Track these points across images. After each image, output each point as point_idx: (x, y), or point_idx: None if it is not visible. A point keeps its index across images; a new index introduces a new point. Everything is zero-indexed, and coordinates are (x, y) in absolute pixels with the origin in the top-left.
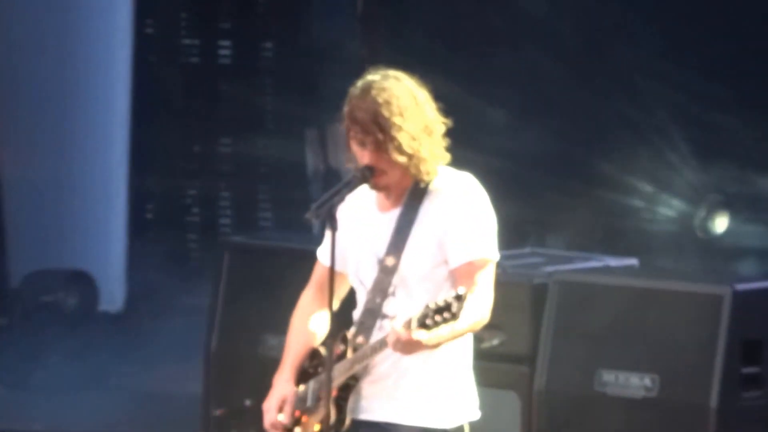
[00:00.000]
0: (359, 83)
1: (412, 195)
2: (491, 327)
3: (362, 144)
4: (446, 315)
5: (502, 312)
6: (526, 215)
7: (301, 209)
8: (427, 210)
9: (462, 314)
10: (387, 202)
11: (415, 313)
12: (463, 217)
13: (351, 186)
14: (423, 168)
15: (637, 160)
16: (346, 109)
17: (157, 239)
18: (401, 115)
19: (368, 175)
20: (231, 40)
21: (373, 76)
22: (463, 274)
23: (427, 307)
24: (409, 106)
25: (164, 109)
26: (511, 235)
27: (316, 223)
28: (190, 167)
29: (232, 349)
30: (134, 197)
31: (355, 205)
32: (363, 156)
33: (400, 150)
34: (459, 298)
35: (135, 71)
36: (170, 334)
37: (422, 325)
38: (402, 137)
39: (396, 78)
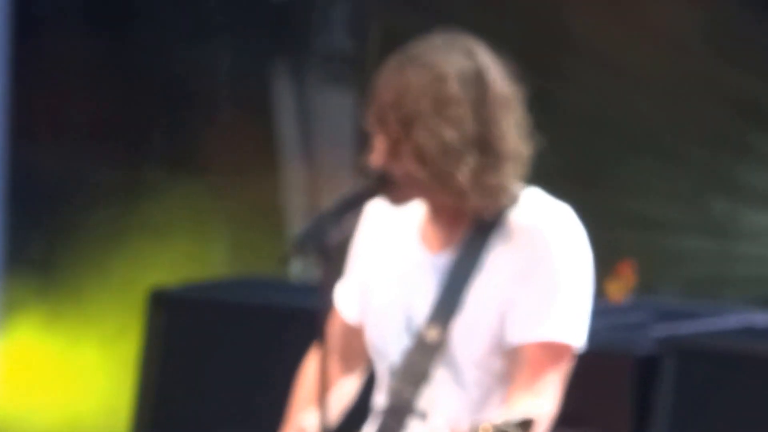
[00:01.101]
0: (405, 50)
1: (474, 231)
2: (575, 421)
3: (376, 135)
4: None
5: (591, 400)
6: (618, 239)
7: (273, 243)
8: (496, 257)
9: None
10: (438, 235)
11: None
12: (541, 274)
13: (356, 203)
14: (469, 200)
15: None
16: (375, 81)
17: (46, 288)
18: (442, 106)
19: (381, 186)
20: None
21: (430, 41)
22: (522, 360)
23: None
24: (464, 98)
25: (57, 94)
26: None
27: (299, 264)
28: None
29: None
30: (11, 224)
31: (387, 228)
32: (374, 154)
33: (420, 157)
34: (525, 426)
35: (13, 34)
36: None
37: None
38: (426, 138)
39: (467, 51)
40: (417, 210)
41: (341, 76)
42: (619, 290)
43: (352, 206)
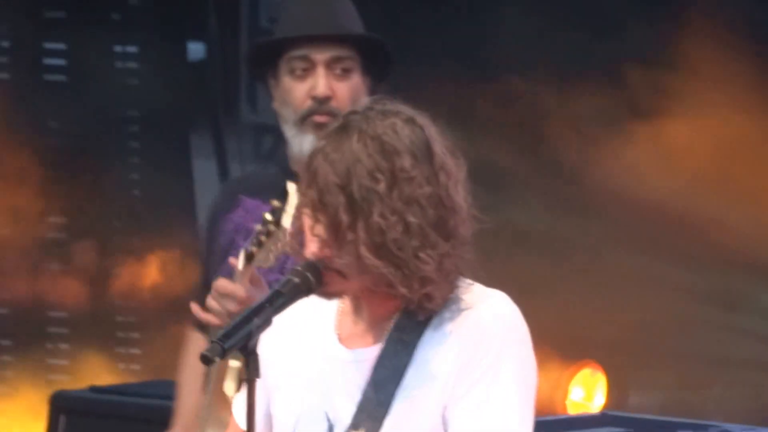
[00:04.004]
0: (339, 120)
1: (403, 322)
2: None
3: (312, 221)
4: None
5: None
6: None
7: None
8: (429, 350)
9: None
10: (359, 329)
11: None
12: (483, 367)
13: (283, 301)
14: (423, 290)
15: None
16: (307, 158)
17: None
18: (398, 184)
19: (312, 281)
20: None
21: (367, 109)
22: None
23: None
24: (419, 174)
25: None
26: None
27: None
28: None
29: None
30: None
31: (299, 327)
32: (309, 243)
33: (377, 245)
34: None
35: None
36: None
37: None
38: (386, 223)
39: (409, 119)
40: (328, 303)
41: (272, 152)
42: (582, 399)
43: (284, 303)
